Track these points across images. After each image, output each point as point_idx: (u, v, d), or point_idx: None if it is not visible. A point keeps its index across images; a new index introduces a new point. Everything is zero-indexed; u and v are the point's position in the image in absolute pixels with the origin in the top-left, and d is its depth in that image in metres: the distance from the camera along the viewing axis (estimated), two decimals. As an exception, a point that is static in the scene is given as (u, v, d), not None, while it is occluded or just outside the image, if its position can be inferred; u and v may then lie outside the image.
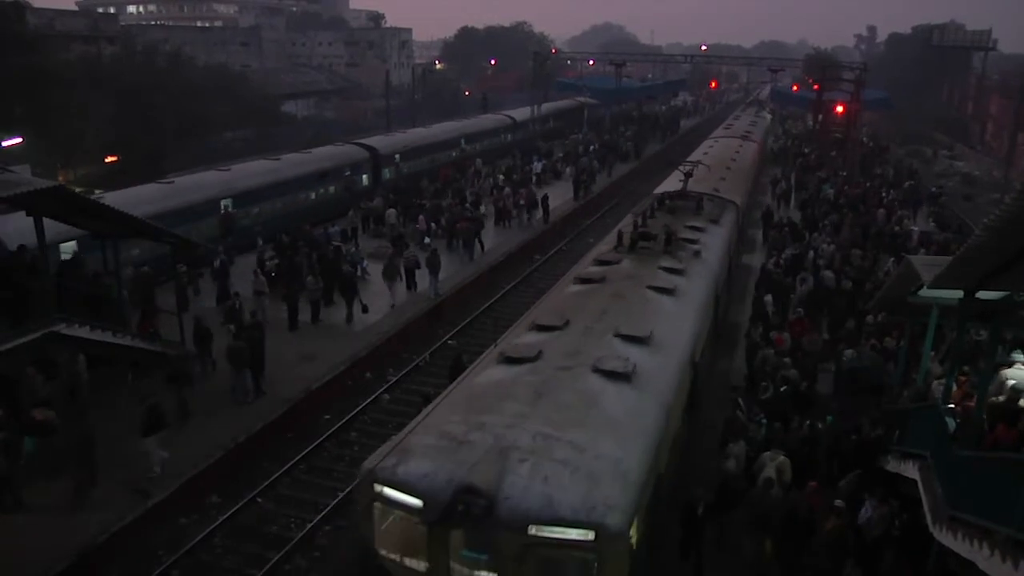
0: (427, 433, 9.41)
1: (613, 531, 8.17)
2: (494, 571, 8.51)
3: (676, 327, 13.05)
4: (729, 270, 20.48)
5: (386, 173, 38.59)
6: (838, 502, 11.79)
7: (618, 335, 11.66)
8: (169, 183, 27.69)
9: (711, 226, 19.58)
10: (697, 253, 16.97)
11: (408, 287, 24.91)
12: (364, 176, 37.05)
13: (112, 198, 23.70)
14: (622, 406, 9.98)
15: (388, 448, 9.27)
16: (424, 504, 8.51)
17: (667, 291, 14.06)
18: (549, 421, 9.28)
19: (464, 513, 8.26)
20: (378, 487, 8.92)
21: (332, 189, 34.25)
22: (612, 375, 10.42)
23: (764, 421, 14.86)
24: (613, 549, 8.24)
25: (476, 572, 8.58)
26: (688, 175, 22.52)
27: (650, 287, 14.07)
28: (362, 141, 39.36)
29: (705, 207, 21.08)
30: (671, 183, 24.70)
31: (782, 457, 12.87)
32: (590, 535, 8.17)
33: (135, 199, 24.46)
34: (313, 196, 32.92)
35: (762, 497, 12.05)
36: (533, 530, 8.25)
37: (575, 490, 8.37)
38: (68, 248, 21.30)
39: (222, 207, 27.97)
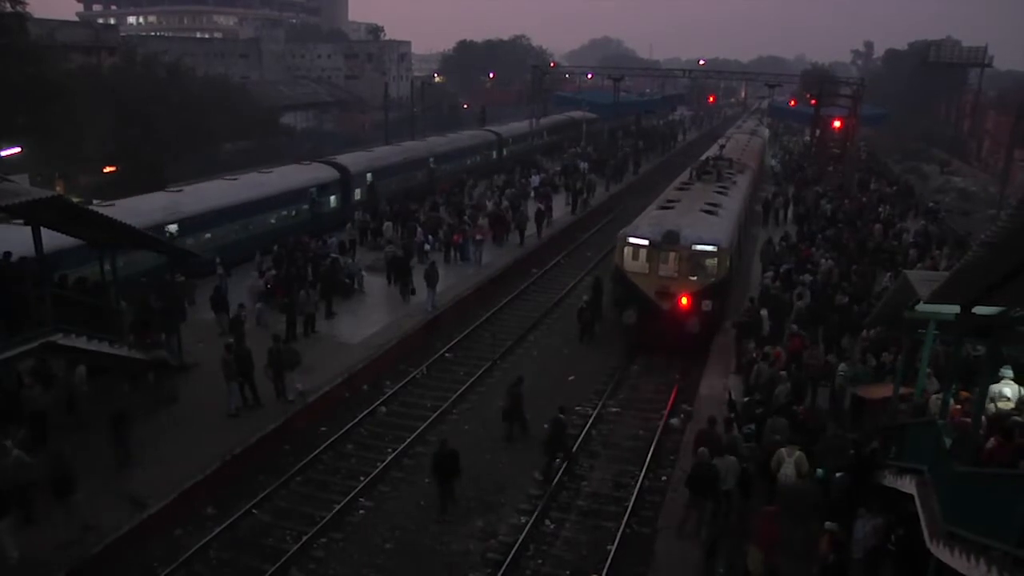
0: (641, 221, 23.90)
1: (724, 246, 22.17)
2: (677, 268, 21.90)
3: (730, 205, 26.89)
4: (750, 205, 34.62)
5: (504, 152, 54.23)
6: (830, 525, 11.63)
7: (705, 203, 25.76)
8: (369, 151, 41.62)
9: (739, 174, 34.09)
10: (735, 183, 31.41)
11: (389, 281, 26.07)
12: (493, 152, 53.29)
13: (352, 156, 38.37)
14: (717, 220, 24.20)
15: (626, 228, 23.26)
16: (650, 240, 22.02)
17: (723, 193, 28.35)
18: (691, 219, 23.50)
19: (668, 240, 21.76)
20: (628, 239, 22.42)
21: (477, 159, 50.42)
22: (709, 212, 24.84)
23: (747, 431, 14.91)
24: (724, 255, 22.11)
25: (669, 271, 22.08)
26: (722, 147, 40.83)
27: (714, 191, 28.45)
28: (491, 128, 56.39)
29: (734, 165, 35.11)
30: (711, 152, 41.23)
31: (799, 452, 13.00)
32: (715, 248, 21.89)
33: (372, 157, 39.22)
34: (468, 163, 48.83)
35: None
36: (693, 247, 21.76)
37: (709, 233, 22.47)
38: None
39: (429, 162, 43.46)
